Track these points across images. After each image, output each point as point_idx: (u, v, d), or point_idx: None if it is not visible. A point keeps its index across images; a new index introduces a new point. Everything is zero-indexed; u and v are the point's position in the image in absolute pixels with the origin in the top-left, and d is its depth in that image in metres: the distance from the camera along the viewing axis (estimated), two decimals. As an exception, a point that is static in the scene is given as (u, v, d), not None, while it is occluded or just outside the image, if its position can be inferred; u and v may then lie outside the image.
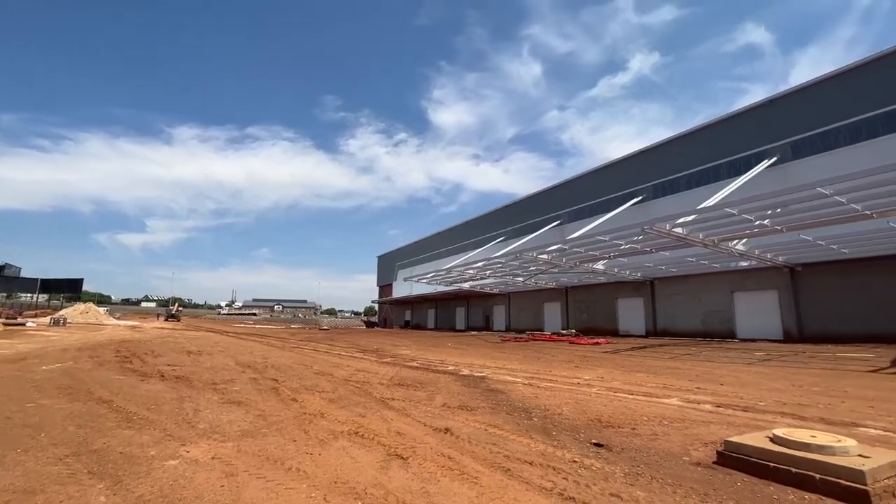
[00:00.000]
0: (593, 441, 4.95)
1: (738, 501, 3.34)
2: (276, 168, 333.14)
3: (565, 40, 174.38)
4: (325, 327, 55.58)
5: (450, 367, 12.25)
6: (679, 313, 26.67)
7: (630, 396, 7.76)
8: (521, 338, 28.94)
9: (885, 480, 3.49)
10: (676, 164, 27.57)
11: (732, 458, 4.11)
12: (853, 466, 3.37)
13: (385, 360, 14.68)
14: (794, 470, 3.67)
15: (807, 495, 3.45)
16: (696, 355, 15.99)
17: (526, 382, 9.46)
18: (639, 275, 27.81)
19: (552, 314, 36.88)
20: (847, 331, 19.32)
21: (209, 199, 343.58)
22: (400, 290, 63.63)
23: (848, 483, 3.35)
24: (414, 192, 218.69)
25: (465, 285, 38.01)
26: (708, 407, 6.82)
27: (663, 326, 27.44)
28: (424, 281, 37.60)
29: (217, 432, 5.10)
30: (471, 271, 30.89)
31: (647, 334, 28.09)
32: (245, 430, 5.22)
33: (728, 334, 23.71)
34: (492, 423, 5.77)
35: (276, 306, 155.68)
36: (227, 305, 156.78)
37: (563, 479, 3.76)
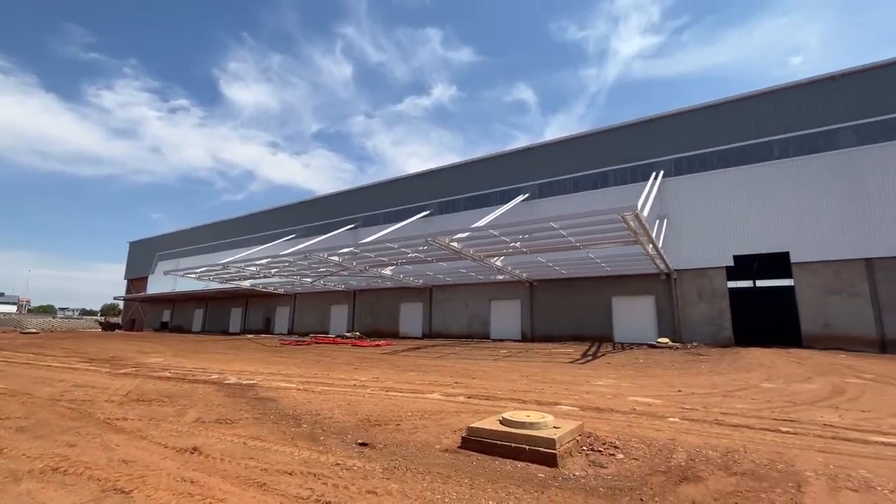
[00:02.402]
0: (359, 441, 5.07)
1: (472, 477, 3.93)
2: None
3: (378, 51, 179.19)
4: (33, 330, 41.39)
5: (213, 376, 10.74)
6: (451, 317, 30.37)
7: (400, 394, 8.32)
8: (303, 341, 27.77)
9: (567, 444, 4.69)
10: (459, 186, 31.59)
11: (473, 442, 4.84)
12: (548, 436, 4.41)
13: (123, 370, 11.83)
14: (512, 445, 4.56)
15: (519, 463, 4.32)
16: (459, 354, 18.40)
17: (301, 388, 9.07)
18: (420, 282, 30.48)
19: (339, 317, 36.76)
20: (561, 332, 25.62)
21: None
22: (159, 285, 52.79)
23: (545, 449, 4.36)
24: (191, 171, 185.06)
25: (246, 283, 34.29)
26: (461, 398, 7.89)
27: (437, 329, 30.75)
28: (193, 276, 32.20)
29: None
30: (253, 268, 28.06)
31: (424, 336, 30.95)
32: None
33: (485, 335, 28.29)
34: (254, 436, 5.29)
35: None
36: None
37: (323, 484, 3.71)
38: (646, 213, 14.63)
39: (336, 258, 23.51)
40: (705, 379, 10.91)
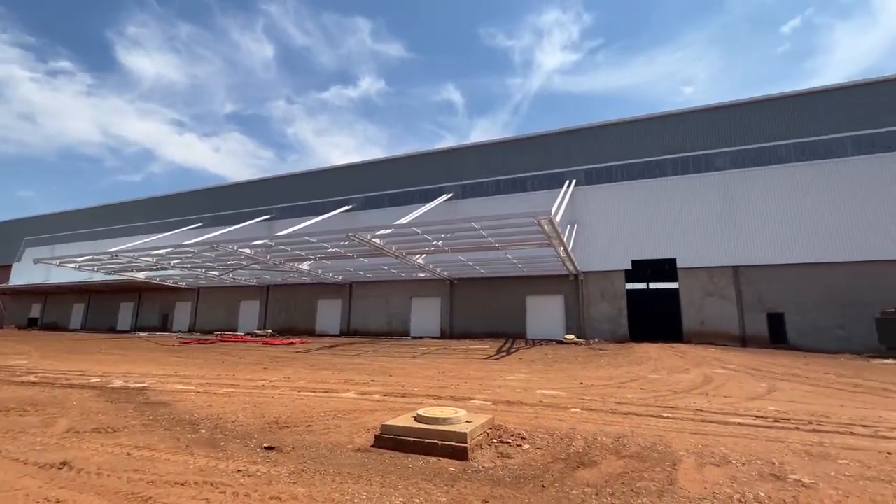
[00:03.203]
0: (265, 445, 4.79)
1: (384, 475, 3.91)
2: None
3: (304, 34, 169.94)
4: None
5: (94, 380, 9.48)
6: (371, 314, 29.89)
7: (313, 394, 8.02)
8: (206, 339, 25.58)
9: (478, 437, 4.86)
10: (383, 182, 31.21)
11: (386, 440, 4.81)
12: (460, 431, 4.53)
13: (-28, 375, 9.97)
14: (425, 441, 4.61)
15: (432, 459, 4.38)
16: (377, 352, 18.20)
17: (201, 390, 8.35)
18: (340, 278, 29.61)
19: (249, 313, 34.40)
20: (479, 330, 26.48)
21: None
22: (26, 275, 45.29)
23: (456, 444, 4.48)
24: (74, 145, 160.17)
25: (140, 276, 30.65)
26: (377, 397, 7.81)
27: (356, 326, 30.09)
28: (73, 266, 28.02)
29: None
30: (149, 259, 25.17)
31: (342, 334, 30.11)
32: None
33: (405, 333, 28.28)
34: (141, 445, 4.76)
35: None
36: None
37: (220, 493, 3.45)
38: (559, 218, 15.65)
39: (248, 251, 21.98)
40: (604, 372, 11.96)
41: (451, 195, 28.12)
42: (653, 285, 38.93)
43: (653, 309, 33.11)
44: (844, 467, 4.29)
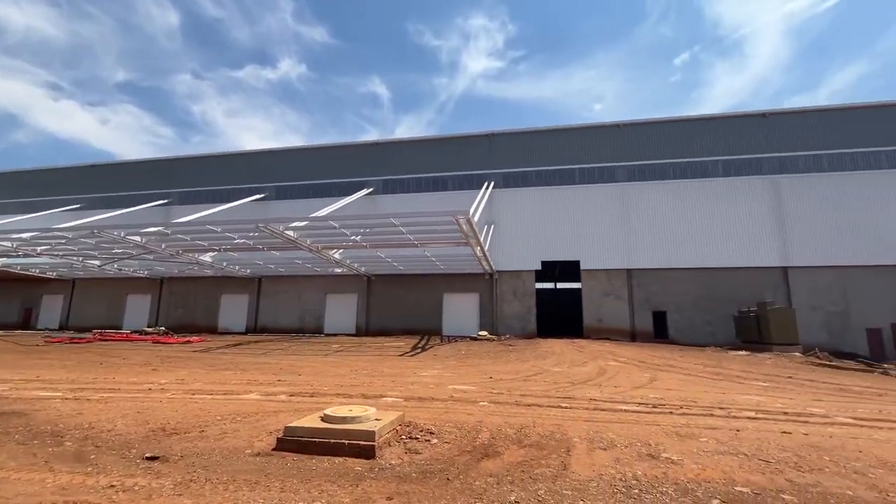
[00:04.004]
0: (147, 455, 4.31)
1: (284, 479, 3.71)
2: None
3: (217, 5, 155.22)
4: None
5: (-80, 388, 7.80)
6: (281, 311, 28.29)
7: (209, 397, 7.38)
8: (82, 338, 22.35)
9: (387, 435, 4.83)
10: (301, 172, 29.70)
11: (290, 442, 4.58)
12: (368, 429, 4.47)
13: None
14: (332, 441, 4.47)
15: (337, 459, 4.26)
16: (286, 350, 17.30)
17: (70, 396, 7.28)
18: (248, 271, 27.63)
19: (138, 309, 30.67)
20: (395, 326, 26.37)
21: None
22: None
23: (363, 442, 4.40)
24: None
25: (-8, 263, 25.82)
26: (283, 397, 7.41)
27: (265, 323, 28.30)
28: None
29: None
30: (7, 243, 21.27)
31: (248, 331, 28.13)
32: None
33: (318, 330, 27.21)
34: (-18, 463, 4.00)
35: None
36: None
37: (86, 513, 3.03)
38: (476, 218, 16.13)
39: (139, 238, 19.59)
40: (512, 366, 12.60)
41: (371, 190, 27.63)
42: (560, 285, 41.84)
43: (559, 307, 35.56)
44: (704, 444, 4.97)
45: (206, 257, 23.37)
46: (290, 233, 17.24)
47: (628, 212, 24.32)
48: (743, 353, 17.74)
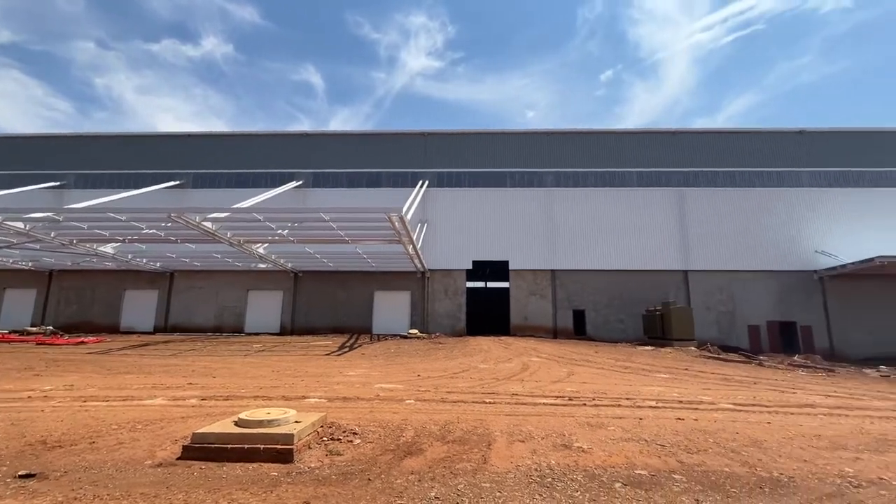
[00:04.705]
0: (21, 473, 3.77)
1: (188, 491, 3.44)
2: None
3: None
4: None
5: None
6: (196, 308, 26.15)
7: (104, 404, 6.64)
8: (-58, 339, 19.00)
9: (307, 437, 4.66)
10: (224, 159, 27.64)
11: (198, 450, 4.25)
12: (286, 432, 4.29)
13: None
14: (246, 446, 4.23)
15: (251, 466, 4.04)
16: (200, 350, 16.05)
17: (-79, 408, 6.16)
18: (158, 265, 25.18)
19: (21, 305, 26.69)
20: (324, 325, 25.50)
21: None
22: None
23: (281, 446, 4.22)
24: None
25: None
26: (193, 401, 6.87)
27: (177, 322, 25.99)
28: None
29: None
30: None
31: (156, 330, 25.65)
32: None
33: (238, 329, 25.53)
34: None
35: None
36: None
37: (-66, 544, 2.58)
38: (410, 216, 16.09)
39: (21, 224, 17.03)
40: (440, 364, 12.75)
41: (301, 182, 26.49)
42: (490, 284, 43.09)
43: (488, 305, 36.58)
44: (612, 433, 5.39)
45: (108, 248, 20.95)
46: (209, 224, 15.99)
47: (553, 216, 25.66)
48: (649, 348, 19.49)
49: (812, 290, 23.78)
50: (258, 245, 19.61)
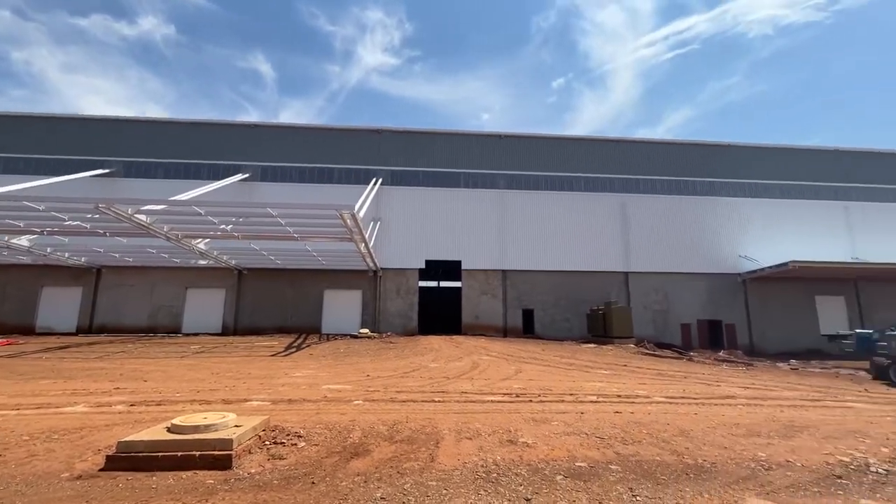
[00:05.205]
0: None
1: (113, 504, 3.20)
2: None
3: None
4: None
5: None
6: (127, 307, 24.23)
7: (14, 413, 6.00)
8: None
9: (248, 442, 4.46)
10: (162, 148, 25.79)
11: (123, 460, 3.95)
12: (225, 437, 4.08)
13: None
14: (180, 454, 3.98)
15: (186, 474, 3.81)
16: (131, 352, 14.92)
17: None
18: (83, 260, 23.07)
19: None
20: (268, 324, 24.50)
21: None
22: None
23: (218, 452, 4.01)
24: None
25: None
26: (120, 408, 6.37)
27: (104, 322, 23.95)
28: None
29: None
30: None
31: (79, 331, 23.48)
32: None
33: (175, 329, 23.94)
34: None
35: None
36: None
37: None
38: (362, 214, 15.82)
39: (-88, 212, 15.01)
40: (391, 363, 12.65)
41: (247, 175, 25.29)
42: (443, 283, 43.32)
43: (440, 305, 36.76)
44: (555, 427, 5.60)
45: (22, 241, 18.95)
46: (143, 217, 14.88)
47: (505, 217, 26.22)
48: (592, 345, 20.42)
49: (736, 291, 25.92)
50: (199, 240, 18.53)
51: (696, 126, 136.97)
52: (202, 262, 22.88)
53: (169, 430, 4.27)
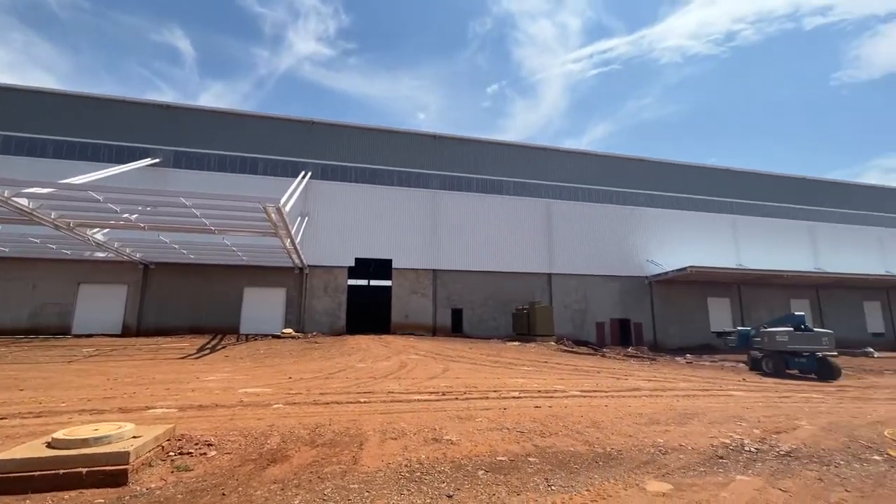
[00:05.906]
0: None
1: (-30, 536, 2.73)
2: None
3: None
4: None
5: None
6: (2, 304, 20.89)
7: None
8: None
9: (147, 454, 4.04)
10: (54, 124, 22.51)
11: (-12, 482, 3.40)
12: (119, 450, 3.66)
13: None
14: (62, 472, 3.51)
15: (68, 495, 3.36)
16: (5, 357, 12.89)
17: None
18: (-58, 248, 19.50)
19: None
20: (178, 324, 22.43)
21: None
22: None
23: (112, 467, 3.59)
24: None
25: None
26: (-13, 422, 5.47)
27: (-32, 321, 20.41)
28: None
29: None
30: None
31: (-65, 333, 19.80)
32: None
33: (63, 329, 21.06)
34: None
35: None
36: None
37: None
38: (288, 208, 15.06)
39: None
40: (315, 364, 12.21)
41: (157, 161, 22.99)
42: (373, 282, 42.64)
43: (370, 303, 36.17)
44: (479, 424, 5.75)
45: None
46: (23, 201, 12.91)
47: (437, 217, 26.46)
48: (516, 343, 21.29)
49: (643, 292, 28.46)
50: (95, 230, 16.53)
51: (615, 140, 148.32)
52: (99, 255, 20.43)
53: (49, 445, 3.75)
